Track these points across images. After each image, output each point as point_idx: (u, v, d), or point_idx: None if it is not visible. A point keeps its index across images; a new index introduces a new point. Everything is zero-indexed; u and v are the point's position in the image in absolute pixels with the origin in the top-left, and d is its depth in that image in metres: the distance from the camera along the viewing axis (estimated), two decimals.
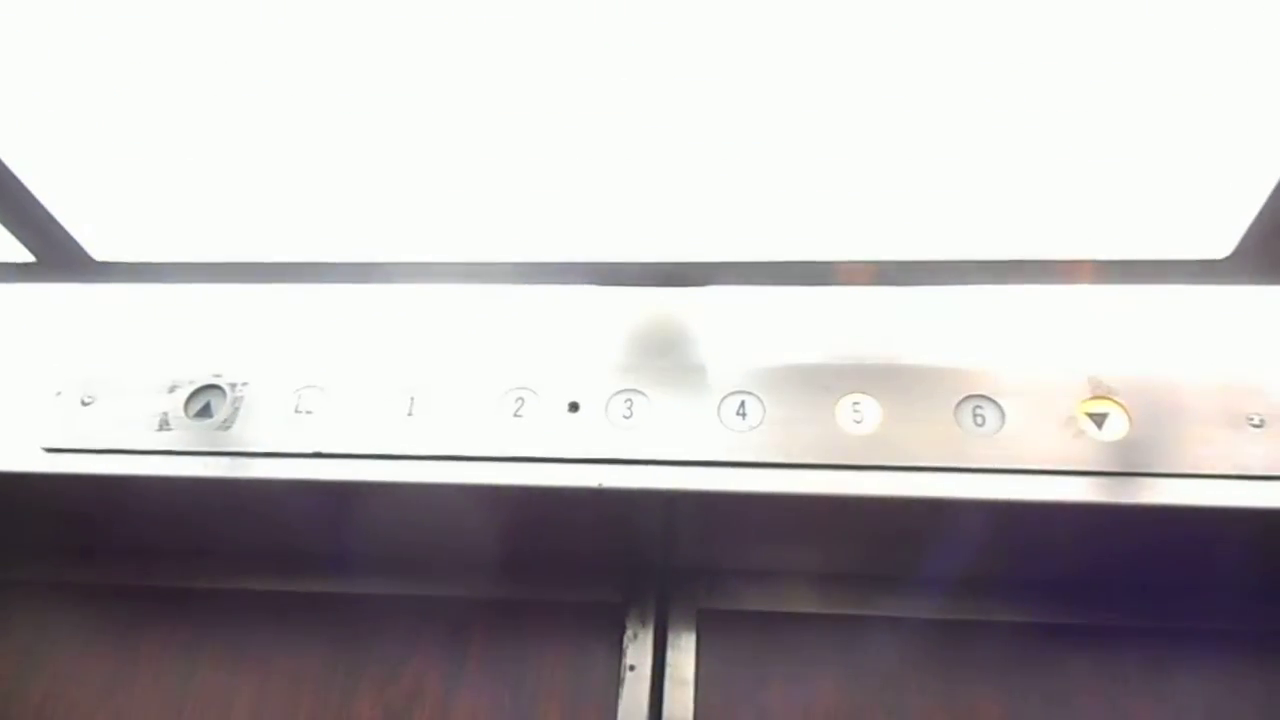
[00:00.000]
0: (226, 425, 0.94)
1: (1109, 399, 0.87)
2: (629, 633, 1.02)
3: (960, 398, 0.88)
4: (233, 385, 0.96)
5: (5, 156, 0.79)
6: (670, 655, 1.01)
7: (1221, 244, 0.79)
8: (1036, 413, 0.87)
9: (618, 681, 1.00)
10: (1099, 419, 0.87)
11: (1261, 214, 0.74)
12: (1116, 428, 0.86)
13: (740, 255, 0.85)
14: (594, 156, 0.75)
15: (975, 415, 0.88)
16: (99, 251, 0.91)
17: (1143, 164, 0.73)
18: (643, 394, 0.91)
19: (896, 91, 0.68)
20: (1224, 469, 0.84)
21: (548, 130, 0.73)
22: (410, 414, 0.92)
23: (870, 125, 0.71)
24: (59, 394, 0.97)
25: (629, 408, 0.91)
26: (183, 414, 0.95)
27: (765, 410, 0.90)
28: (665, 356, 0.94)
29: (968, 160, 0.73)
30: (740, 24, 0.63)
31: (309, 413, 0.94)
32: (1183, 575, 0.98)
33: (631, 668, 1.00)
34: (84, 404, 0.97)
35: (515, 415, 0.92)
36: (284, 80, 0.70)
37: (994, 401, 0.88)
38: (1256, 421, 0.85)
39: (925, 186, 0.76)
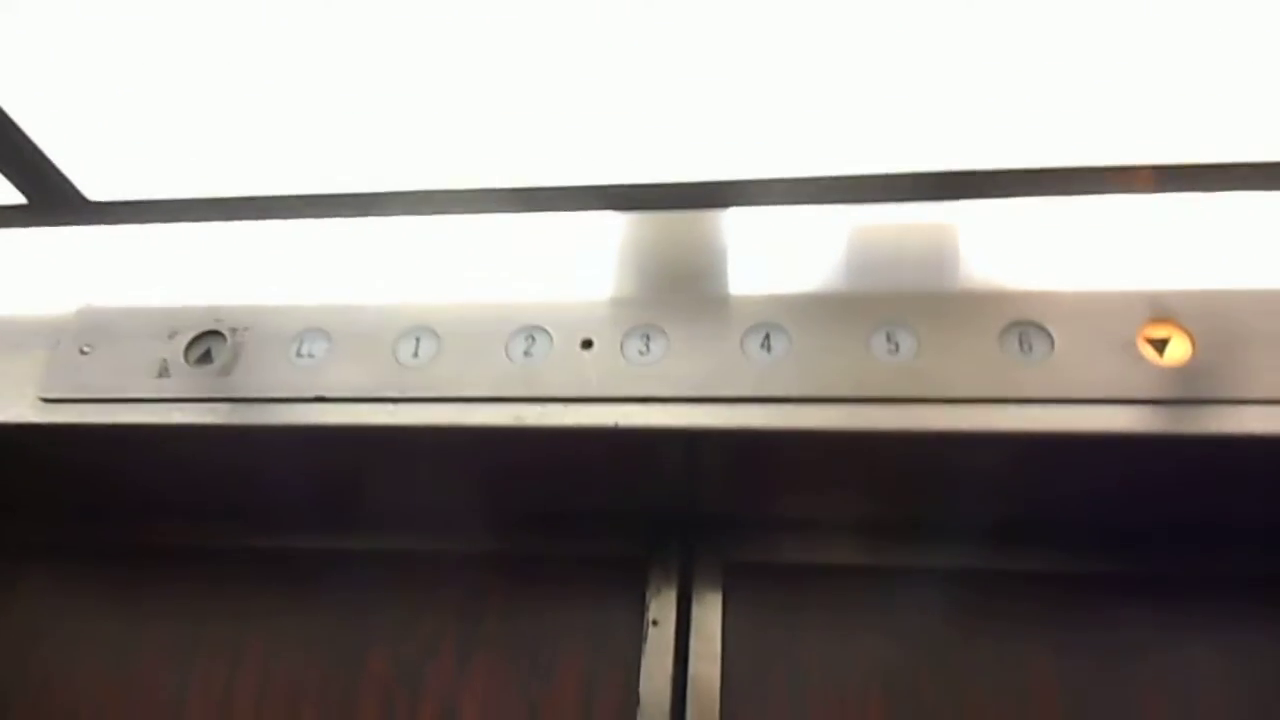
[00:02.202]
0: (227, 371, 0.90)
1: (1171, 323, 0.80)
2: (652, 587, 0.96)
3: (1005, 324, 0.81)
4: (233, 330, 0.92)
5: None
6: (695, 611, 0.95)
7: None
8: (1089, 339, 0.80)
9: (640, 638, 0.94)
10: (1159, 344, 0.79)
11: None
12: (1179, 353, 0.79)
13: (764, 171, 0.78)
14: (602, 64, 0.69)
15: (1022, 343, 0.81)
16: (93, 191, 0.87)
17: (1207, 54, 0.65)
18: (660, 329, 0.86)
19: None
20: None
21: (551, 35, 0.67)
22: (416, 355, 0.88)
23: (910, 19, 0.64)
24: (57, 343, 0.94)
25: (645, 344, 0.86)
26: (183, 361, 0.91)
27: (792, 342, 0.83)
28: (683, 288, 0.88)
29: (1009, 54, 0.66)
30: None
31: (311, 356, 0.90)
32: (1253, 516, 0.89)
33: (655, 623, 0.94)
34: (82, 353, 0.94)
35: (525, 354, 0.87)
36: (280, 1, 0.65)
37: (1042, 328, 0.81)
38: None
39: (965, 86, 0.69)
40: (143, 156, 0.84)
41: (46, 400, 0.91)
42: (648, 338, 0.86)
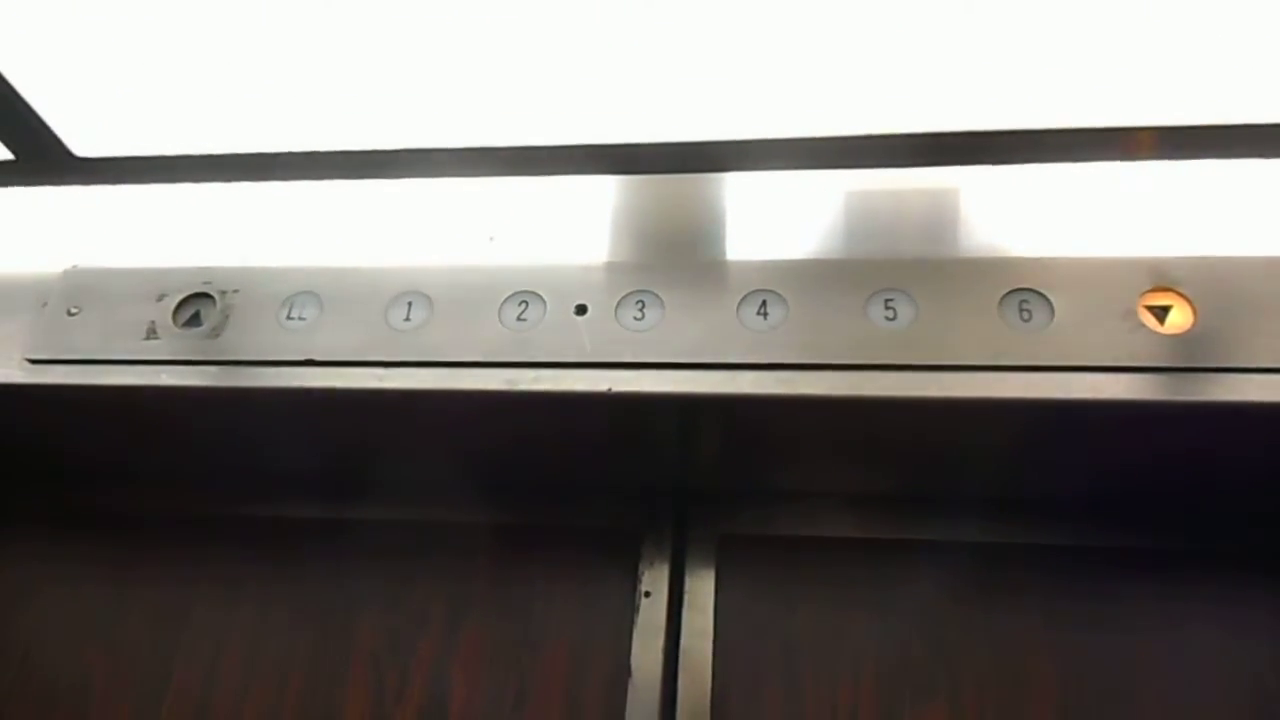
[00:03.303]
0: (216, 333, 0.89)
1: (1172, 290, 0.79)
2: (644, 559, 0.95)
3: (1004, 292, 0.80)
4: (222, 293, 0.91)
5: None
6: (689, 583, 0.95)
7: None
8: (1090, 307, 0.79)
9: (633, 610, 0.93)
10: (1160, 312, 0.78)
11: None
12: (1180, 321, 0.78)
13: (762, 132, 0.77)
14: (597, 22, 0.68)
15: (1021, 310, 0.80)
16: (81, 147, 0.86)
17: (1210, 14, 0.64)
18: (655, 295, 0.85)
19: None
20: None
21: None
22: (408, 319, 0.87)
23: None
24: (43, 304, 0.93)
25: (640, 310, 0.84)
26: (171, 323, 0.90)
27: (789, 309, 0.82)
28: (679, 254, 0.87)
29: (1010, 14, 0.65)
30: None
31: (301, 319, 0.88)
32: (1253, 487, 0.88)
33: (647, 594, 0.93)
34: (69, 314, 0.92)
35: (519, 319, 0.85)
36: None
37: (1042, 295, 0.80)
38: None
39: (965, 47, 0.68)
40: (132, 112, 0.82)
41: (33, 361, 0.90)
42: (643, 304, 0.85)
